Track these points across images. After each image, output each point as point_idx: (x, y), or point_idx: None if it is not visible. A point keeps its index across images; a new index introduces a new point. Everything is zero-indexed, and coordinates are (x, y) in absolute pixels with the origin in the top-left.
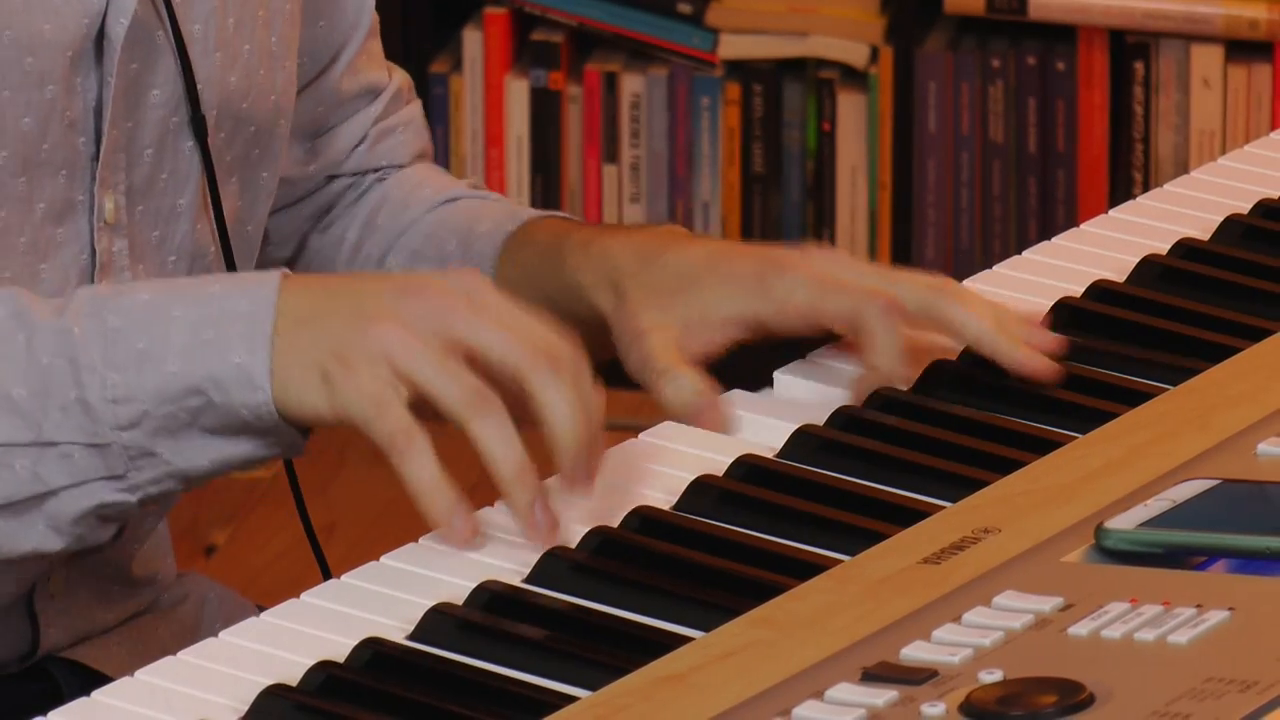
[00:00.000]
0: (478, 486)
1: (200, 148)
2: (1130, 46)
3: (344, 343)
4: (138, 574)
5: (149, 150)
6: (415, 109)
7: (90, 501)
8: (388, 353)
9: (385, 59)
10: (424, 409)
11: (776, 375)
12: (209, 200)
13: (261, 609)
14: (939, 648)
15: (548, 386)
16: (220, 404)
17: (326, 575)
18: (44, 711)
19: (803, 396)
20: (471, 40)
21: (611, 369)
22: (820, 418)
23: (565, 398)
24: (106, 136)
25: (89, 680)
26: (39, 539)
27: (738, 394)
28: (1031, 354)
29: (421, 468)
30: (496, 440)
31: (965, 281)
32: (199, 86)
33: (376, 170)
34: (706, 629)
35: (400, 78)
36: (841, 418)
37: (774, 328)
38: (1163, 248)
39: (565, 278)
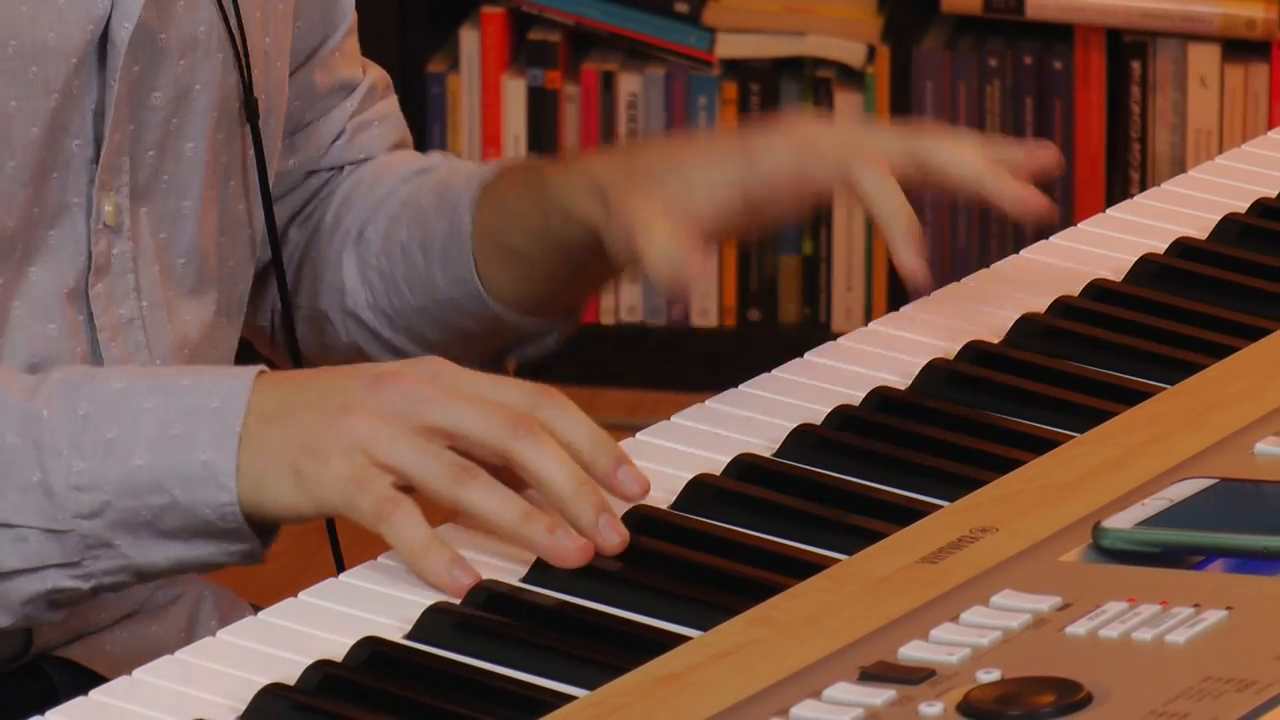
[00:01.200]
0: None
1: (255, 142)
2: (1127, 46)
3: (315, 436)
4: None
5: (151, 153)
6: (391, 103)
7: (43, 586)
8: (362, 443)
9: (361, 56)
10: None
11: (774, 373)
12: (207, 203)
13: (257, 608)
14: (937, 647)
15: (531, 451)
16: (184, 503)
17: (340, 566)
18: (38, 711)
19: (800, 395)
20: (468, 39)
21: (608, 370)
22: (818, 416)
23: (550, 457)
24: (108, 140)
25: (83, 679)
26: None
27: (735, 393)
28: (1026, 190)
29: (412, 530)
30: (492, 500)
31: (963, 280)
32: (198, 89)
33: (355, 163)
34: (704, 628)
35: (375, 73)
36: (839, 417)
37: (760, 197)
38: (1160, 247)
39: (550, 203)
